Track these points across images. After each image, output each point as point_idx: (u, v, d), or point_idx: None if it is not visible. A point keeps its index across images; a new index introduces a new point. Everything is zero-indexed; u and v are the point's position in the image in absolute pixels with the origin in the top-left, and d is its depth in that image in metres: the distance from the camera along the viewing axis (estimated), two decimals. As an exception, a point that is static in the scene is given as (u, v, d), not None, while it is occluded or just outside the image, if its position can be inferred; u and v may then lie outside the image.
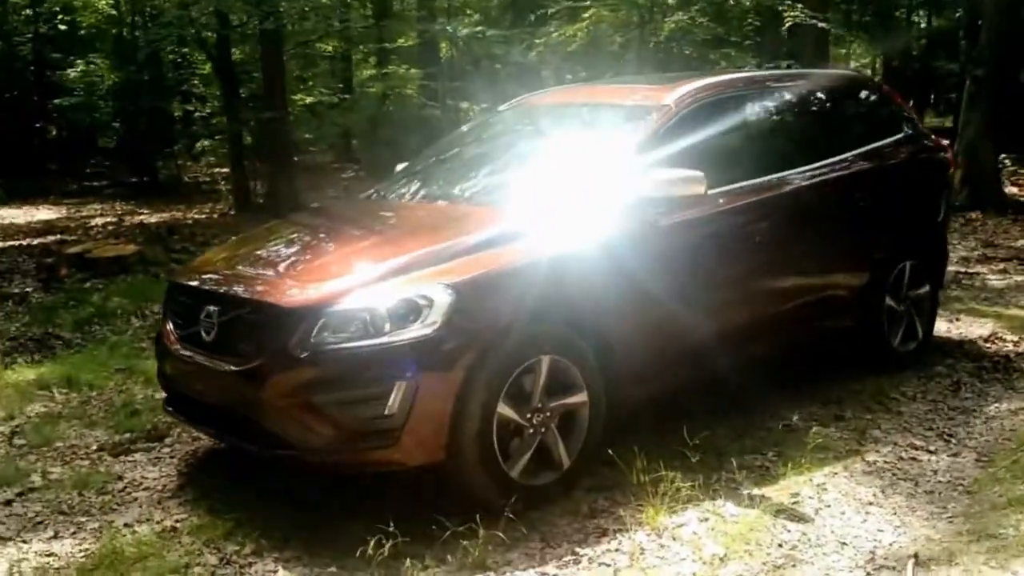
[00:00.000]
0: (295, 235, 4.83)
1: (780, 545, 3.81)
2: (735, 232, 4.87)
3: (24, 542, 3.90)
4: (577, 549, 3.76)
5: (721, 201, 4.80)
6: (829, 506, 4.15)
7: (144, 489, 4.40)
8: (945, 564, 3.65)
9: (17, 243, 11.75)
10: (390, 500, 4.02)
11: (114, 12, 20.19)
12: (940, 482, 4.42)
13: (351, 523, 3.80)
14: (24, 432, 5.13)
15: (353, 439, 3.80)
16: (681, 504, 4.04)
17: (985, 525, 3.94)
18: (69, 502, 4.26)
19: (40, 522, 4.09)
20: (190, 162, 20.90)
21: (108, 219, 14.22)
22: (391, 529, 3.57)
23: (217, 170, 19.36)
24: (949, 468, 4.56)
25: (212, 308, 4.15)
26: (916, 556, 3.71)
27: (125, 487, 4.42)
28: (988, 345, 6.49)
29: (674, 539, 3.82)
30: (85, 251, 9.87)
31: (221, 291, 4.23)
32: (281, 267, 4.39)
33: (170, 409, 4.51)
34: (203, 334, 4.16)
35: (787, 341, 5.31)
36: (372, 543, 3.51)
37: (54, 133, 22.62)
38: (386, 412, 3.72)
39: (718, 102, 5.11)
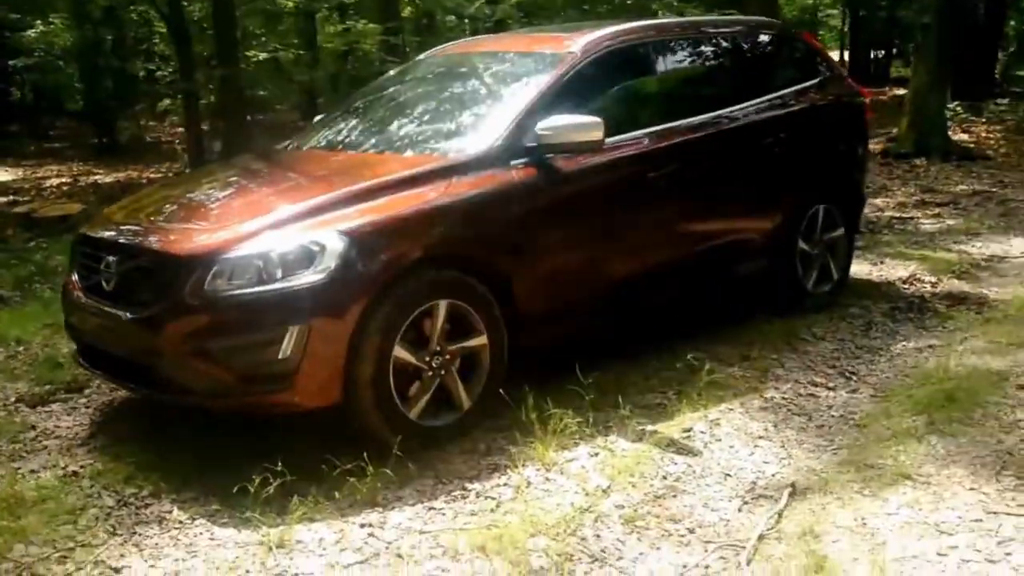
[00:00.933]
0: (203, 185, 4.89)
1: (664, 477, 3.95)
2: (637, 178, 4.95)
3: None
4: (467, 485, 3.89)
5: (622, 147, 4.89)
6: (719, 440, 4.30)
7: (55, 438, 4.49)
8: (819, 493, 3.79)
9: (-31, 204, 11.74)
10: (291, 442, 4.13)
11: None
12: (832, 416, 4.57)
13: (249, 465, 3.90)
14: None
15: (250, 383, 3.90)
16: (573, 441, 4.18)
17: (866, 456, 4.09)
18: (-7, 448, 4.36)
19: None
20: (153, 122, 20.80)
21: (64, 180, 14.19)
22: (279, 468, 3.68)
23: (180, 130, 19.25)
24: (844, 404, 4.71)
25: (111, 258, 4.23)
26: (793, 485, 3.85)
27: (36, 436, 4.51)
28: (906, 287, 6.65)
29: (561, 473, 3.96)
30: (32, 211, 9.90)
31: (120, 241, 4.31)
32: (180, 216, 4.46)
33: (82, 361, 4.59)
34: (103, 284, 4.24)
35: (698, 285, 5.43)
36: (258, 481, 3.62)
37: (17, 96, 22.49)
38: (280, 356, 3.82)
39: (625, 49, 5.18)
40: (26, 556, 3.43)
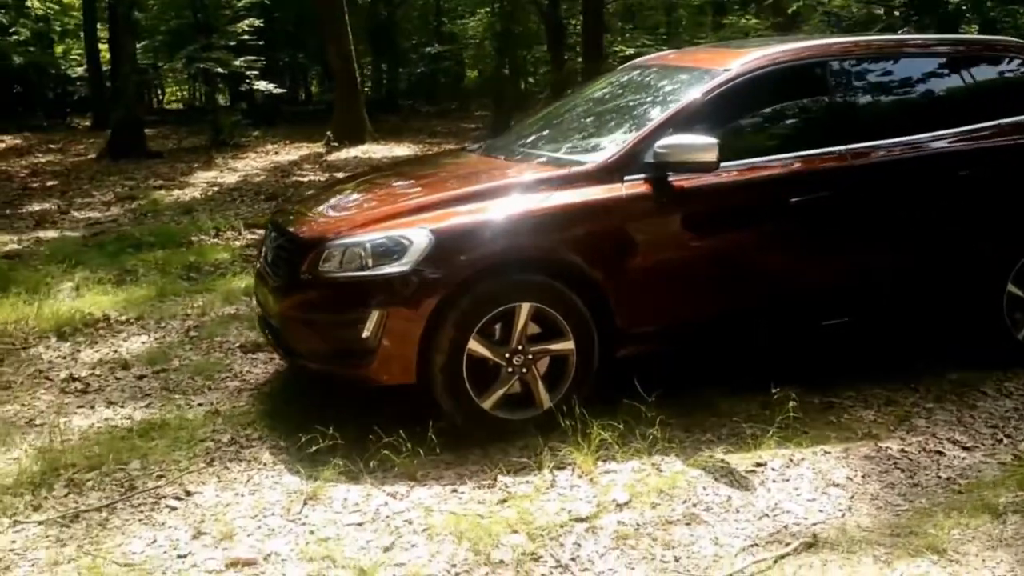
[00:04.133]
0: (371, 180, 5.52)
1: (694, 503, 3.91)
2: (774, 203, 4.79)
3: (121, 406, 5.01)
4: (501, 476, 4.13)
5: (758, 169, 4.78)
6: (788, 480, 4.13)
7: (240, 380, 5.37)
8: (834, 549, 3.58)
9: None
10: (384, 411, 4.61)
11: None
12: (938, 477, 4.17)
13: (341, 426, 4.44)
14: (202, 327, 6.35)
15: (342, 355, 4.46)
16: (624, 453, 4.25)
17: (920, 522, 3.75)
18: (179, 382, 5.34)
19: (147, 394, 5.20)
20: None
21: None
22: (330, 432, 4.21)
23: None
24: (966, 467, 4.26)
25: (273, 235, 4.99)
26: (815, 536, 3.66)
27: (226, 377, 5.42)
28: None
29: (591, 481, 4.06)
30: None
31: (279, 222, 5.05)
32: (329, 207, 5.08)
33: (259, 324, 5.41)
34: (267, 257, 5.00)
35: (856, 317, 5.09)
36: (305, 440, 4.17)
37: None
38: (364, 335, 4.32)
39: (792, 68, 5.03)
40: (136, 470, 4.26)
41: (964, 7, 10.16)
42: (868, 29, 12.83)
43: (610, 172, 4.61)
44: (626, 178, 4.60)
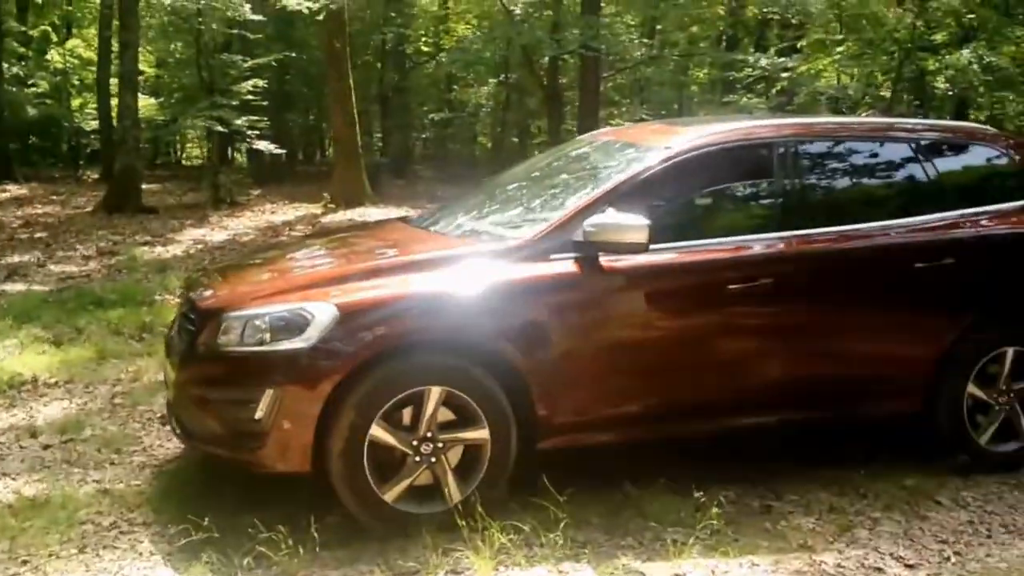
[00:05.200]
0: (295, 248, 5.26)
1: (593, 623, 3.55)
2: (710, 289, 4.49)
3: (13, 478, 4.70)
4: (382, 577, 3.78)
5: (697, 252, 4.49)
6: (704, 597, 3.76)
7: (147, 455, 5.05)
8: None
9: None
10: (286, 500, 4.28)
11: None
12: (870, 602, 3.79)
13: (229, 510, 4.13)
14: (130, 393, 6.05)
15: (232, 437, 4.14)
16: (529, 560, 3.89)
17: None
18: (82, 454, 5.02)
19: (47, 466, 4.88)
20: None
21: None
22: (205, 524, 3.88)
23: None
24: (904, 591, 3.88)
25: (182, 303, 4.72)
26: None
27: (135, 451, 5.09)
28: None
29: (483, 592, 3.70)
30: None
31: (189, 289, 4.79)
32: (239, 278, 4.77)
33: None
34: (176, 327, 4.72)
35: (799, 414, 4.73)
36: (177, 531, 3.84)
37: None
38: (256, 417, 4.01)
39: (728, 150, 4.75)
40: (1, 553, 3.93)
41: (951, 92, 9.89)
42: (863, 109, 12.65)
43: (535, 250, 4.32)
44: (552, 256, 4.31)
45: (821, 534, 4.28)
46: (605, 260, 4.31)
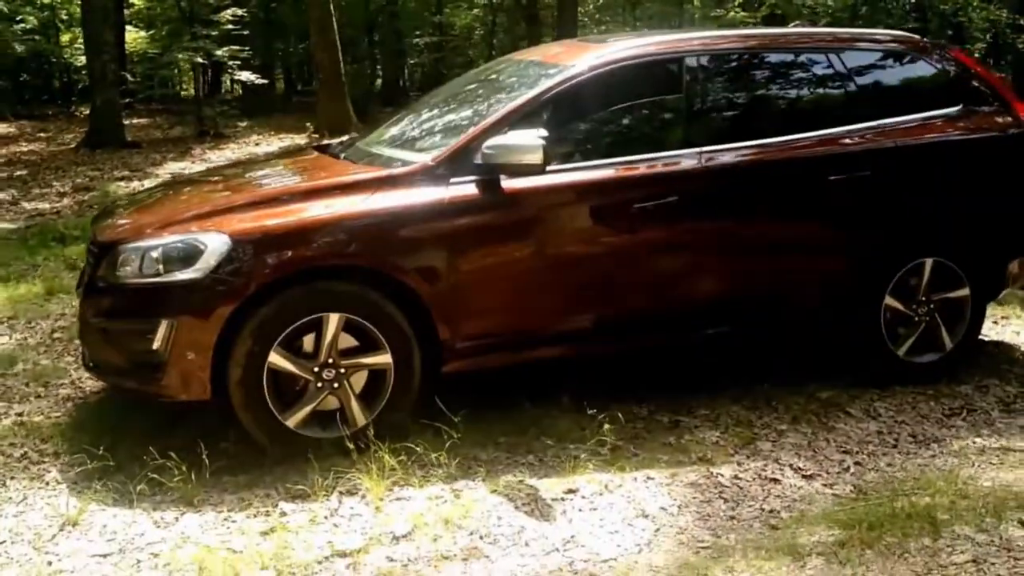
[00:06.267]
0: (200, 180, 5.25)
1: (481, 536, 3.60)
2: (615, 208, 4.46)
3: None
4: (284, 504, 3.83)
5: (600, 170, 4.45)
6: (595, 509, 3.81)
7: (74, 387, 5.10)
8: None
9: None
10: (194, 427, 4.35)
11: None
12: (761, 510, 3.82)
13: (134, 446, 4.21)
14: (69, 328, 6.10)
15: (133, 368, 4.19)
16: (423, 480, 3.94)
17: (715, 564, 3.40)
18: (10, 388, 5.07)
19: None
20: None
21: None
22: (100, 452, 3.95)
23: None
24: (798, 499, 3.91)
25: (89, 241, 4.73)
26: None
27: (63, 384, 5.14)
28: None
29: (377, 511, 3.75)
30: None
31: (94, 224, 4.80)
32: (144, 209, 4.73)
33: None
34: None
35: (705, 329, 4.72)
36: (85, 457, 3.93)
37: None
38: (153, 347, 4.04)
39: (636, 67, 4.66)
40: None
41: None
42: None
43: (435, 173, 4.29)
44: (452, 180, 4.28)
45: (723, 447, 4.32)
46: (505, 183, 4.29)
